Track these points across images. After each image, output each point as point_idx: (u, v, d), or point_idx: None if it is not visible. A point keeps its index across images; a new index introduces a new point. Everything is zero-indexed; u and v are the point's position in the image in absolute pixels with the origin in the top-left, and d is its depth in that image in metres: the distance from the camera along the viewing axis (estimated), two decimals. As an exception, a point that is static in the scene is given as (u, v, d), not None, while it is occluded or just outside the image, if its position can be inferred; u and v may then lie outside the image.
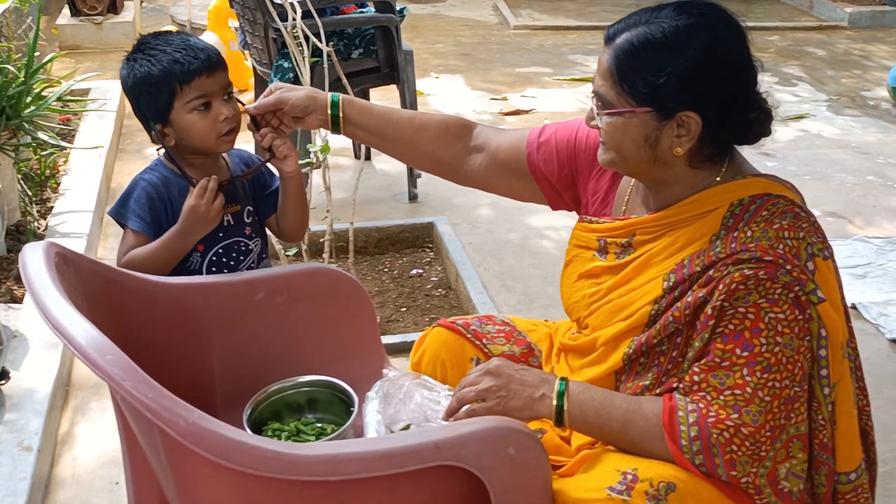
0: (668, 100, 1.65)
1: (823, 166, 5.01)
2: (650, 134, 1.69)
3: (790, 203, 1.68)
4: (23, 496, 2.34)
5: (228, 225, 2.14)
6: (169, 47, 2.04)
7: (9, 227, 3.75)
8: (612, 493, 1.56)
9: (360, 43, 4.19)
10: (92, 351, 1.35)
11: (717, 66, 1.65)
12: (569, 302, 1.93)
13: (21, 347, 2.96)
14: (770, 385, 1.60)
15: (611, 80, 1.69)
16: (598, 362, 1.82)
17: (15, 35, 4.97)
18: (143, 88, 2.04)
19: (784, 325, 1.60)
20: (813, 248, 1.63)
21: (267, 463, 1.34)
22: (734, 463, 1.59)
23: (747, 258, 1.61)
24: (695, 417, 1.61)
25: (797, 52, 7.25)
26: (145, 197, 2.08)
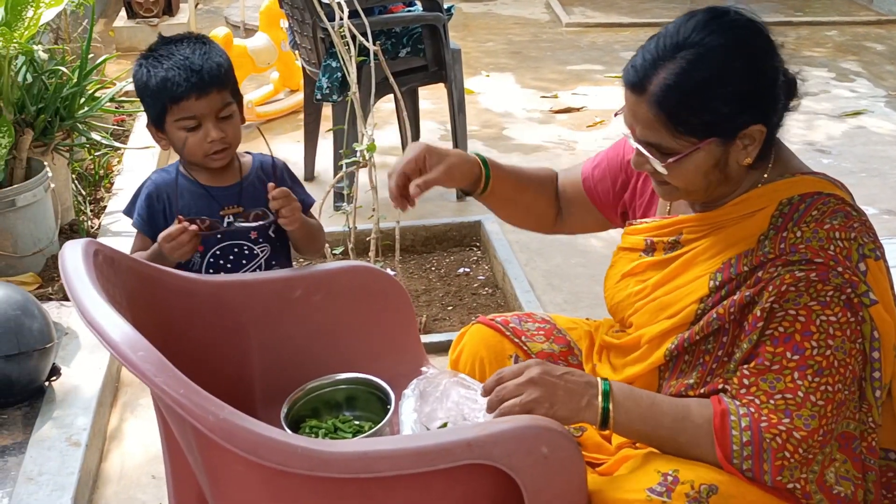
0: (728, 124, 1.61)
1: (880, 163, 4.91)
2: (719, 159, 1.65)
3: (841, 202, 1.65)
4: (70, 490, 2.38)
5: (228, 227, 2.15)
6: (168, 61, 2.05)
7: (63, 226, 3.81)
8: (653, 494, 1.54)
9: (407, 42, 4.20)
10: (125, 347, 1.36)
11: (760, 74, 1.62)
12: (612, 302, 1.91)
13: (72, 345, 3.01)
14: (823, 389, 1.57)
15: (662, 128, 1.62)
16: (640, 360, 1.79)
17: (71, 38, 5.05)
18: (144, 94, 2.09)
19: (836, 327, 1.57)
20: (864, 248, 1.60)
21: (297, 459, 1.35)
22: (782, 469, 1.57)
23: (797, 259, 1.58)
24: (747, 422, 1.58)
25: (855, 47, 7.11)
26: (146, 197, 2.14)
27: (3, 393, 2.70)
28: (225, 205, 2.16)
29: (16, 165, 3.51)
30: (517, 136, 5.35)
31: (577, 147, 5.14)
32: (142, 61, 2.10)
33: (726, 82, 1.59)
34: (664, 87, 1.60)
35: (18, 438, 2.60)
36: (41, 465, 2.46)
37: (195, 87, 2.03)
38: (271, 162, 2.24)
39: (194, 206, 2.11)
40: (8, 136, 3.37)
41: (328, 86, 4.02)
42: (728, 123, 1.61)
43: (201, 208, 2.13)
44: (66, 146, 3.88)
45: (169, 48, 2.08)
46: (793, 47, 7.01)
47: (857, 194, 4.59)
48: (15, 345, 2.67)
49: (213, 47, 2.11)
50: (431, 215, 4.24)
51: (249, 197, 2.17)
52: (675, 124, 1.61)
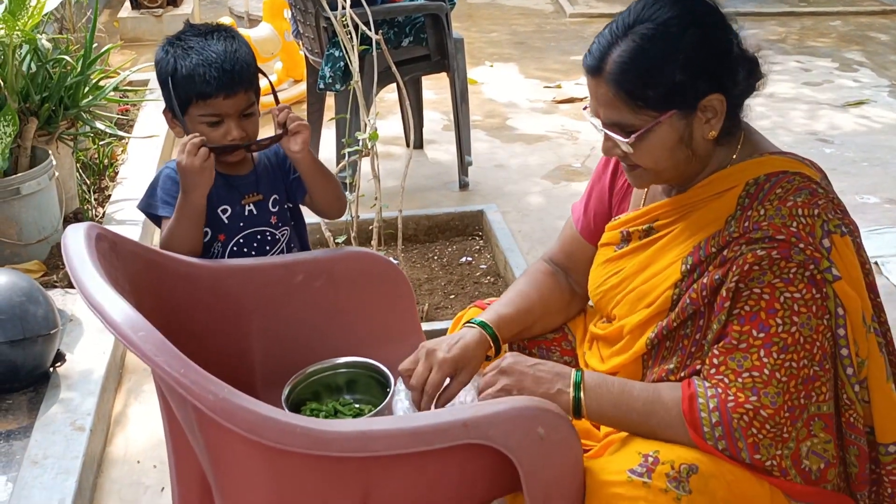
0: (687, 94, 1.63)
1: (883, 153, 4.92)
2: (683, 133, 1.67)
3: (806, 180, 1.66)
4: (74, 474, 2.41)
5: (250, 215, 2.14)
6: (199, 55, 2.02)
7: (67, 215, 3.83)
8: (633, 475, 1.55)
9: (410, 31, 4.21)
10: (126, 327, 1.38)
11: (712, 41, 1.64)
12: (595, 298, 1.93)
13: (76, 331, 3.04)
14: (787, 366, 1.58)
15: (622, 105, 1.65)
16: (623, 350, 1.82)
17: (76, 28, 5.08)
18: (168, 81, 2.05)
19: (800, 304, 1.58)
20: (829, 224, 1.61)
21: (296, 438, 1.36)
22: (758, 446, 1.58)
23: (759, 237, 1.60)
24: (715, 403, 1.60)
25: (859, 37, 7.11)
26: (170, 183, 2.09)
27: (8, 378, 2.72)
28: (245, 193, 2.15)
29: (20, 154, 3.53)
30: (520, 126, 5.36)
31: (579, 137, 5.15)
32: (168, 48, 2.06)
33: (678, 51, 1.62)
34: (618, 63, 1.63)
35: (24, 423, 2.63)
36: (46, 449, 2.49)
37: (225, 86, 2.02)
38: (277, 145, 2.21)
39: (215, 194, 2.10)
40: (12, 124, 3.40)
41: (331, 75, 4.03)
42: (685, 93, 1.63)
43: (222, 197, 2.12)
44: (70, 135, 3.90)
45: (199, 40, 2.05)
46: (796, 38, 7.02)
47: (859, 184, 4.62)
48: (20, 331, 2.69)
49: (242, 44, 2.09)
50: (434, 205, 4.25)
51: (266, 183, 2.18)
52: (634, 99, 1.64)
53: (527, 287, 2.04)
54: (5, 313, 2.69)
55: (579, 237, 2.04)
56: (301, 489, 1.47)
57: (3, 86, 3.50)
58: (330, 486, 1.47)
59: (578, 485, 1.58)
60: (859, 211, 4.16)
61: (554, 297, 2.05)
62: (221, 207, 2.12)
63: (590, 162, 4.79)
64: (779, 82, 5.82)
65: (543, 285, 2.05)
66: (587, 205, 2.02)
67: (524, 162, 4.86)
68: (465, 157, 4.46)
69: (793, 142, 4.89)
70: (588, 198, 2.03)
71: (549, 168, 4.78)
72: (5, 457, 2.50)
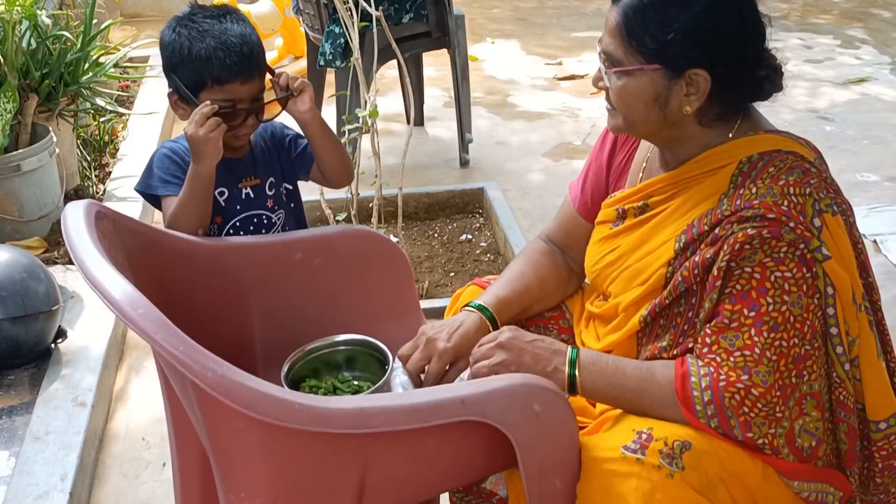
0: (676, 56, 1.64)
1: (884, 130, 4.91)
2: (660, 93, 1.68)
3: (800, 158, 1.67)
4: (76, 449, 2.43)
5: (247, 198, 2.13)
6: (214, 39, 1.99)
7: (68, 192, 3.85)
8: (627, 451, 1.56)
9: (410, 7, 4.20)
10: (125, 305, 1.39)
11: (725, 20, 1.65)
12: (591, 277, 1.94)
13: (77, 307, 3.06)
14: (777, 344, 1.59)
15: (619, 37, 1.68)
16: (618, 328, 1.83)
17: (75, 3, 5.06)
18: (179, 63, 2.02)
19: (791, 283, 1.59)
20: (820, 203, 1.62)
21: (295, 415, 1.37)
22: (749, 425, 1.59)
23: (750, 216, 1.60)
24: (707, 382, 1.61)
25: (861, 13, 7.08)
26: (167, 161, 2.07)
27: (10, 354, 2.74)
28: (242, 177, 2.14)
29: (21, 131, 3.54)
30: (521, 104, 5.36)
31: (580, 114, 5.15)
32: (179, 30, 2.02)
33: (689, 10, 1.63)
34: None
35: (25, 399, 2.65)
36: (48, 424, 2.51)
37: (243, 71, 2.00)
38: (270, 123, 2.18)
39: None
40: (12, 101, 3.40)
41: (331, 52, 4.02)
42: (675, 54, 1.64)
43: (220, 179, 2.09)
44: (70, 112, 3.90)
45: (213, 22, 2.01)
46: (799, 14, 6.99)
47: (860, 161, 4.62)
48: (21, 307, 2.71)
49: (252, 28, 2.07)
50: (434, 182, 4.26)
51: (263, 166, 2.17)
52: (630, 37, 1.66)
53: (524, 268, 2.05)
54: (6, 290, 2.71)
55: (576, 215, 2.05)
56: (300, 465, 1.49)
57: (3, 62, 3.50)
58: (328, 462, 1.48)
59: (573, 461, 1.59)
60: (859, 189, 4.16)
61: (551, 276, 2.05)
62: (219, 190, 2.10)
63: (590, 139, 4.80)
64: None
65: (541, 265, 2.06)
66: (584, 183, 2.03)
67: (525, 139, 4.86)
68: (466, 135, 4.46)
69: (793, 119, 4.89)
70: (585, 176, 2.04)
71: (549, 145, 4.78)
72: (7, 433, 2.52)
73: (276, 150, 2.20)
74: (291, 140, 2.21)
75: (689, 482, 1.55)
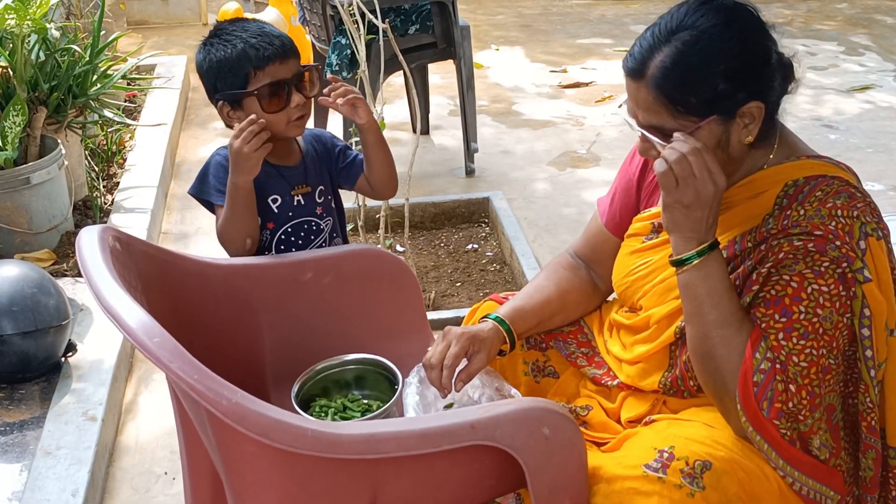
0: (727, 101, 1.65)
1: (888, 139, 4.92)
2: (721, 138, 1.68)
3: (845, 184, 1.69)
4: (87, 464, 2.45)
5: (299, 205, 2.20)
6: (245, 33, 2.10)
7: (76, 203, 3.87)
8: (648, 470, 1.59)
9: (416, 19, 4.22)
10: (141, 333, 1.41)
11: (754, 51, 1.66)
12: (621, 290, 1.95)
13: (87, 320, 3.08)
14: (807, 352, 1.61)
15: (662, 110, 1.66)
16: (650, 339, 1.84)
17: (83, 13, 5.08)
18: (220, 72, 2.10)
19: (826, 298, 1.61)
20: (867, 227, 1.64)
21: (307, 441, 1.40)
22: (780, 414, 1.62)
23: (798, 232, 1.63)
24: (771, 356, 1.62)
25: (865, 20, 7.09)
26: (221, 170, 2.13)
27: (20, 369, 2.76)
28: (294, 184, 2.21)
29: (30, 143, 3.56)
30: (526, 112, 5.38)
31: (585, 122, 5.16)
32: (212, 41, 2.12)
33: (721, 60, 1.63)
34: (662, 68, 1.64)
35: (36, 413, 2.67)
36: (59, 439, 2.53)
37: (279, 51, 2.08)
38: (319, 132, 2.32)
39: (266, 183, 2.15)
40: (22, 114, 3.42)
41: (338, 63, 4.05)
42: (726, 101, 1.65)
43: (272, 187, 2.17)
44: (79, 123, 3.92)
45: (235, 28, 2.12)
46: (802, 21, 7.01)
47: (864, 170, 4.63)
48: (32, 322, 2.73)
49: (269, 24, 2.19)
50: (440, 191, 4.28)
51: (313, 174, 2.24)
52: (675, 105, 1.65)
53: (545, 281, 2.08)
54: (17, 305, 2.73)
55: (604, 230, 2.06)
56: (311, 489, 1.51)
57: (13, 75, 3.53)
58: (339, 486, 1.50)
59: (582, 482, 1.61)
60: (863, 198, 4.17)
61: (573, 289, 2.08)
62: (272, 197, 2.17)
63: (595, 148, 4.81)
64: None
65: (562, 278, 2.08)
66: (613, 198, 2.05)
67: (530, 148, 4.88)
68: (472, 145, 4.48)
69: (797, 128, 4.84)
70: (614, 192, 2.05)
71: (554, 154, 4.79)
72: (19, 447, 2.54)
73: (325, 159, 2.28)
74: (340, 150, 2.30)
75: (709, 501, 1.58)
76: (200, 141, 4.98)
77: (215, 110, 2.18)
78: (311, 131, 2.31)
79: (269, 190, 2.17)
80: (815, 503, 1.69)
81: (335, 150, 2.29)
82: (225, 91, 2.11)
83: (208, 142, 4.95)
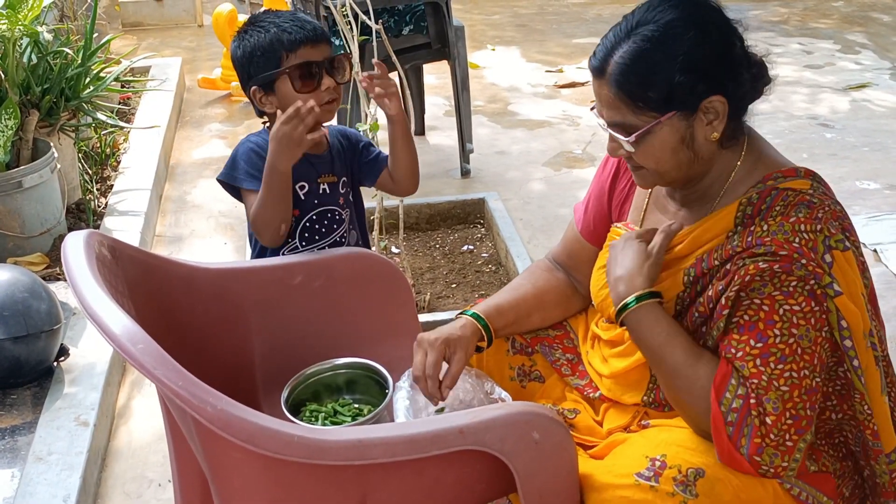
0: (686, 95, 1.64)
1: (884, 137, 4.91)
2: (684, 134, 1.67)
3: (800, 193, 1.67)
4: (79, 469, 2.43)
5: (324, 193, 2.23)
6: (278, 19, 2.15)
7: (69, 206, 3.86)
8: (640, 479, 1.58)
9: (410, 19, 4.20)
10: (125, 340, 1.40)
11: (713, 43, 1.64)
12: (597, 300, 1.94)
13: (79, 325, 3.06)
14: (787, 375, 1.59)
15: (623, 105, 1.66)
16: (627, 354, 1.83)
17: (76, 16, 5.07)
18: (253, 57, 2.14)
19: (799, 316, 1.59)
20: (830, 240, 1.62)
21: (293, 448, 1.38)
22: (761, 449, 1.60)
23: (762, 252, 1.61)
24: (743, 391, 1.61)
25: (861, 18, 7.08)
26: (253, 155, 2.16)
27: (12, 374, 2.75)
28: (322, 173, 2.24)
29: (22, 146, 3.55)
30: (522, 112, 5.36)
31: (581, 122, 5.15)
32: (247, 29, 2.17)
33: (678, 52, 1.62)
34: (619, 65, 1.64)
35: (28, 418, 2.66)
36: (50, 444, 2.52)
37: (310, 35, 2.13)
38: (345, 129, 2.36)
39: (295, 170, 2.14)
40: (14, 117, 3.41)
41: (331, 64, 4.03)
42: (685, 95, 1.64)
43: (301, 174, 2.19)
44: (71, 126, 3.91)
45: (267, 16, 2.18)
46: (798, 19, 7.00)
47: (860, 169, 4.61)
48: (23, 327, 2.72)
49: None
50: (435, 192, 4.27)
51: (339, 166, 2.28)
52: (635, 100, 1.65)
53: (522, 280, 2.09)
54: (9, 310, 2.71)
55: (580, 238, 2.06)
56: (299, 496, 1.50)
57: (5, 78, 3.51)
58: (328, 492, 1.49)
59: (573, 487, 1.60)
60: (859, 197, 4.17)
61: (550, 289, 2.07)
62: (300, 184, 2.20)
63: (591, 148, 4.80)
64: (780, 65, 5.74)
65: (539, 278, 2.08)
66: (587, 206, 2.04)
67: (525, 148, 4.86)
68: (467, 145, 4.47)
69: (793, 126, 4.88)
70: (588, 199, 2.05)
71: (550, 154, 4.78)
72: (10, 453, 2.53)
73: (350, 151, 2.32)
74: (364, 146, 2.35)
75: None
76: (195, 143, 4.96)
77: (209, 113, 2.18)
78: (337, 127, 2.36)
79: (298, 177, 2.19)
80: None
81: (359, 146, 2.35)
82: (258, 75, 2.15)
83: (203, 144, 4.93)
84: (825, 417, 1.72)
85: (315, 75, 2.13)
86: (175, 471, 1.90)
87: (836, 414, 1.72)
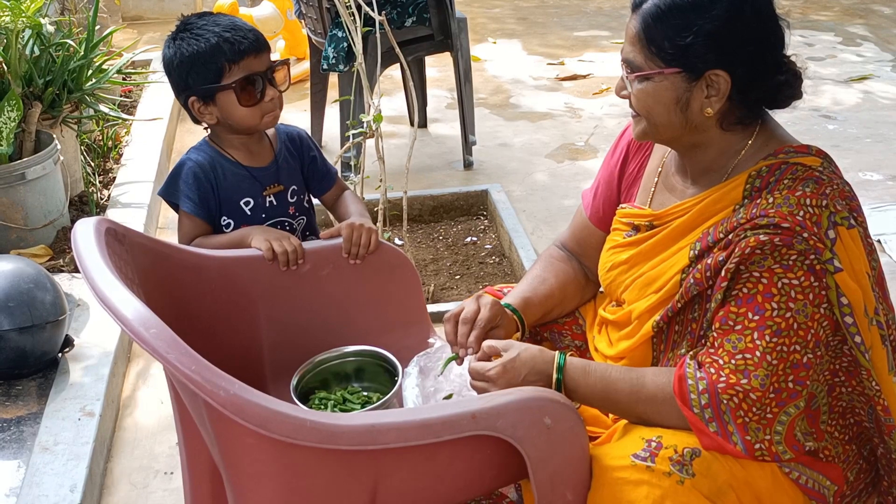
0: (695, 59, 1.65)
1: (886, 129, 4.91)
2: (680, 96, 1.69)
3: (808, 169, 1.67)
4: (85, 459, 2.43)
5: (271, 206, 2.19)
6: (217, 27, 2.07)
7: (72, 198, 3.85)
8: (637, 459, 1.58)
9: (413, 11, 4.20)
10: (137, 324, 1.39)
11: (743, 24, 1.65)
12: (605, 283, 1.94)
13: (84, 316, 3.06)
14: (778, 349, 1.60)
15: (639, 44, 1.70)
16: (631, 335, 1.83)
17: (77, 8, 5.06)
18: (192, 66, 2.07)
19: (797, 290, 1.59)
20: (836, 216, 1.62)
21: (306, 432, 1.38)
22: (747, 428, 1.60)
23: (765, 224, 1.61)
24: (704, 385, 1.62)
25: (863, 10, 7.07)
26: (192, 178, 2.12)
27: (17, 365, 2.74)
28: (266, 185, 2.19)
29: (25, 139, 3.54)
30: (524, 104, 5.36)
31: (583, 114, 5.14)
32: (182, 35, 2.08)
33: (704, 16, 1.64)
34: (653, 6, 1.69)
35: (33, 409, 2.65)
36: (56, 435, 2.51)
37: (253, 45, 2.07)
38: (296, 133, 2.29)
39: (238, 187, 2.14)
40: (16, 109, 3.40)
41: (334, 56, 4.03)
42: (694, 57, 1.66)
43: (245, 189, 2.16)
44: (74, 118, 3.90)
45: (204, 22, 2.09)
46: (800, 11, 6.99)
47: (862, 161, 4.61)
48: (28, 317, 2.71)
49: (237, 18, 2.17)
50: (438, 184, 4.26)
51: (286, 174, 2.23)
52: (649, 43, 1.68)
53: (545, 273, 2.08)
54: (14, 301, 2.71)
55: (589, 224, 2.06)
56: (311, 481, 1.49)
57: (7, 71, 3.51)
58: (340, 477, 1.49)
59: (584, 473, 1.60)
60: (862, 188, 4.16)
61: (570, 282, 2.08)
62: (244, 200, 2.16)
63: (593, 140, 4.80)
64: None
65: (561, 271, 2.08)
66: (596, 192, 2.04)
67: (528, 140, 4.86)
68: (469, 137, 4.47)
69: (795, 118, 4.87)
70: (597, 185, 2.05)
71: (553, 146, 4.78)
72: (16, 443, 2.52)
73: (298, 159, 2.26)
74: (312, 160, 2.29)
75: (699, 489, 1.56)
76: (197, 135, 4.92)
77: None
78: (287, 129, 2.29)
79: (242, 193, 2.16)
80: (811, 492, 1.67)
81: (307, 157, 2.28)
82: (198, 86, 2.09)
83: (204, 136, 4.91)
84: (836, 394, 1.72)
85: (258, 87, 2.09)
86: (184, 460, 1.89)
87: (845, 388, 1.72)
